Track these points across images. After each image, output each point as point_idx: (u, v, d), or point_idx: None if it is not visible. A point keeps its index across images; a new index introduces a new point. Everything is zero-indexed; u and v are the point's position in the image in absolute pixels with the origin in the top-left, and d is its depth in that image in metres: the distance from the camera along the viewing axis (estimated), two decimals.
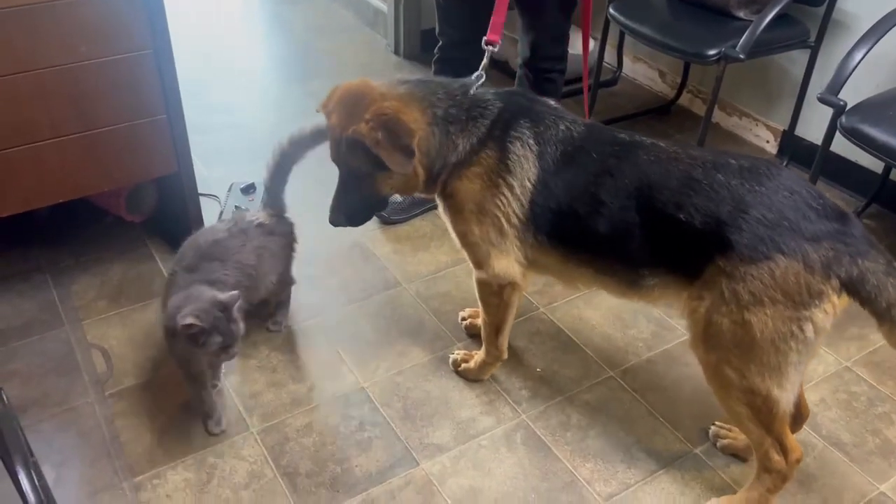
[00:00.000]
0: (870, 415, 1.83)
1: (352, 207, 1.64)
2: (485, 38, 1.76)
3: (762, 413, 1.42)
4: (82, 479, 1.62)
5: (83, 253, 2.19)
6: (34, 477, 1.16)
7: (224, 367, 1.81)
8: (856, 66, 1.97)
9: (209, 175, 2.42)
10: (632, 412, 1.81)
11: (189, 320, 1.49)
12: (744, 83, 2.84)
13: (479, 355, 1.84)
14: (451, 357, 1.89)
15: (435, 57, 2.36)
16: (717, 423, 1.75)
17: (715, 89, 2.38)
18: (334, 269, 2.21)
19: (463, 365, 1.86)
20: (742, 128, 2.94)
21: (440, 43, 2.34)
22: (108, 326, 1.97)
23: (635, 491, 1.63)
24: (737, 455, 1.70)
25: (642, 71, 3.29)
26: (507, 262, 1.62)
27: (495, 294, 1.68)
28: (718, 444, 1.72)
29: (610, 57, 3.24)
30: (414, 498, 1.59)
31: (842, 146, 2.17)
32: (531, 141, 1.54)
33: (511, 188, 1.54)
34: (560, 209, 1.53)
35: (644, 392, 1.86)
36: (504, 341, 1.81)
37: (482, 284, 1.69)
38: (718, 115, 3.00)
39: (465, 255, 1.70)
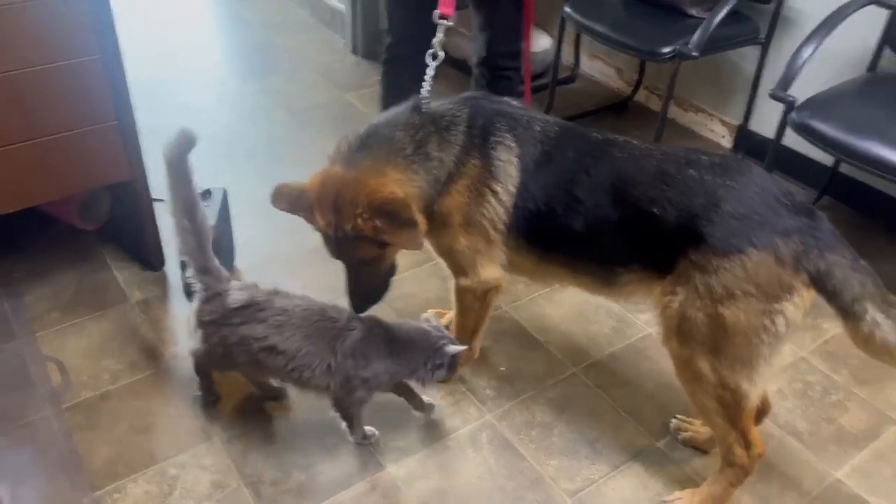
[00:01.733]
0: (825, 403, 1.88)
1: (372, 288, 1.61)
2: (436, 11, 1.70)
3: (730, 407, 1.44)
4: (40, 496, 1.59)
5: (35, 263, 2.14)
6: None
7: (183, 375, 1.80)
8: (804, 63, 2.02)
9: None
10: (595, 408, 1.83)
11: None
12: (698, 79, 2.89)
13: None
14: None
15: (382, 58, 2.33)
16: (677, 416, 1.78)
17: (669, 86, 2.42)
18: (297, 273, 2.18)
19: None
20: (698, 123, 2.99)
21: (387, 41, 2.31)
22: (63, 338, 1.93)
23: (600, 486, 1.65)
24: (697, 448, 1.73)
25: (599, 68, 3.33)
26: (494, 268, 1.62)
27: (479, 299, 1.68)
28: (679, 437, 1.75)
29: (568, 55, 3.28)
30: (380, 502, 1.59)
31: (793, 140, 2.22)
32: (512, 144, 1.53)
33: (496, 194, 1.54)
34: (538, 209, 1.53)
35: (607, 387, 1.88)
36: (478, 342, 1.81)
37: (466, 291, 1.67)
38: (675, 111, 3.05)
39: (443, 263, 1.69)
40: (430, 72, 1.63)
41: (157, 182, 2.07)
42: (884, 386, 1.93)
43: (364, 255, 1.52)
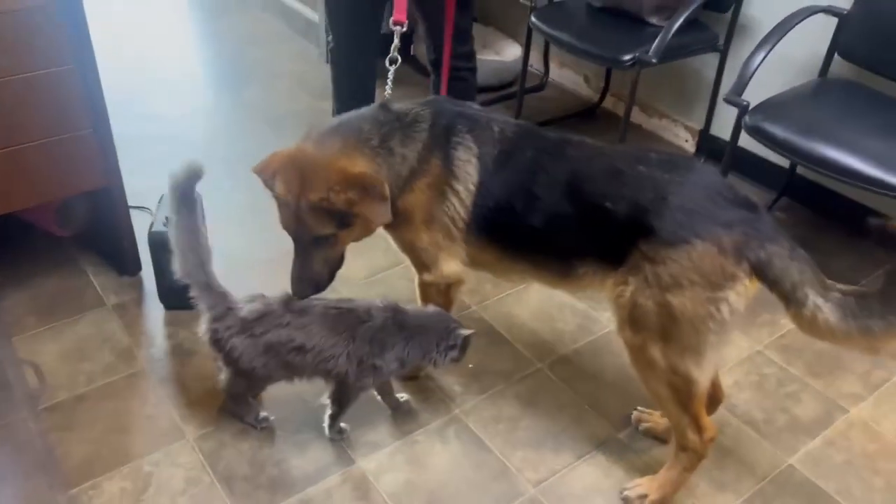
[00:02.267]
0: (780, 394, 1.96)
1: (317, 274, 1.64)
2: (391, 19, 1.79)
3: (681, 393, 1.51)
4: (17, 495, 1.62)
5: (13, 269, 2.17)
6: None
7: (157, 376, 1.84)
8: (756, 69, 2.11)
9: (141, 186, 2.40)
10: (560, 401, 1.89)
11: None
12: (662, 86, 2.98)
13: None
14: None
15: (330, 60, 2.42)
16: (638, 408, 1.85)
17: (631, 92, 2.50)
18: (272, 277, 2.22)
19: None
20: (663, 128, 3.08)
21: (331, 45, 2.39)
22: (40, 342, 1.96)
23: (563, 476, 1.71)
24: (657, 437, 1.80)
25: (568, 76, 3.41)
26: (455, 263, 1.69)
27: (441, 293, 1.75)
28: (640, 427, 1.82)
29: (539, 64, 3.37)
30: (350, 494, 1.64)
31: (754, 144, 2.30)
32: (472, 144, 1.61)
33: (457, 193, 1.61)
34: (498, 207, 1.60)
35: (571, 381, 1.94)
36: None
37: (429, 286, 1.74)
38: (641, 118, 3.14)
39: (407, 260, 1.75)
40: (390, 75, 1.72)
41: (134, 189, 2.14)
42: (836, 378, 2.01)
43: (320, 231, 1.57)
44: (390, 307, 1.69)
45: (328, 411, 1.73)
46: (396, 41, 1.75)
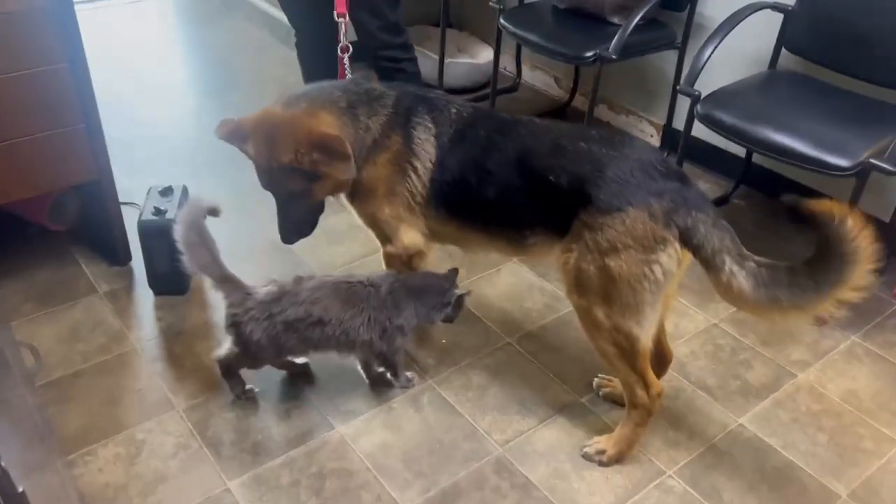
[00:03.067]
0: (733, 362, 2.09)
1: (299, 221, 1.81)
2: (335, 12, 1.99)
3: (626, 350, 1.64)
4: (15, 463, 1.72)
5: (9, 261, 2.29)
6: None
7: (148, 355, 1.96)
8: (707, 60, 2.26)
9: (131, 185, 2.53)
10: (526, 372, 2.02)
11: None
12: (627, 83, 3.14)
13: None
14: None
15: (295, 47, 2.64)
16: (599, 375, 1.98)
17: (594, 87, 2.65)
18: (256, 265, 2.36)
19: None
20: (629, 125, 3.23)
21: (294, 36, 2.60)
22: (37, 326, 2.08)
23: (528, 436, 1.83)
24: (616, 401, 1.93)
25: (540, 77, 3.57)
26: (415, 234, 1.83)
27: (405, 264, 1.89)
28: (601, 392, 1.95)
29: (511, 66, 3.53)
30: (330, 455, 1.76)
31: (713, 136, 2.43)
32: (430, 125, 1.75)
33: (416, 170, 1.75)
34: (455, 181, 1.74)
35: (537, 354, 2.07)
36: None
37: (392, 257, 1.89)
38: (609, 115, 3.29)
39: (372, 234, 1.89)
40: (345, 62, 1.93)
41: (122, 187, 2.26)
42: (785, 346, 2.15)
43: (293, 187, 1.72)
44: (388, 275, 1.87)
45: (388, 373, 1.90)
46: (343, 30, 1.96)
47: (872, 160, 1.96)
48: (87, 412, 1.84)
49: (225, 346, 1.82)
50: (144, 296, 2.22)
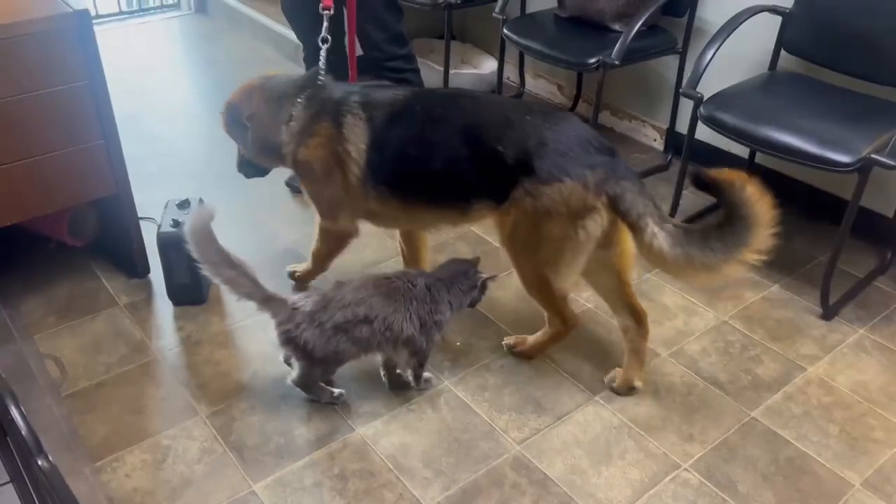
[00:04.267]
0: (743, 358, 2.13)
1: (243, 165, 2.23)
2: (321, 4, 2.12)
3: (544, 292, 1.93)
4: None
5: (30, 277, 2.34)
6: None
7: (169, 364, 2.01)
8: (708, 63, 2.31)
9: (147, 200, 2.58)
10: (540, 371, 2.06)
11: None
12: (630, 89, 3.19)
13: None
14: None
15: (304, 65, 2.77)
16: (507, 338, 2.14)
17: (598, 93, 2.70)
18: (269, 273, 2.40)
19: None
20: (633, 130, 3.28)
21: (303, 54, 2.75)
22: (60, 338, 2.12)
23: (544, 434, 1.87)
24: (523, 354, 2.10)
25: (543, 86, 3.62)
26: (349, 218, 2.06)
27: (336, 240, 2.11)
28: (513, 351, 2.11)
29: (515, 76, 3.59)
30: (351, 457, 1.80)
31: (716, 138, 2.47)
32: (360, 111, 1.91)
33: (349, 153, 1.91)
34: (397, 158, 1.89)
35: (550, 353, 2.11)
36: (329, 264, 2.23)
37: (326, 232, 2.13)
38: (612, 121, 3.34)
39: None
40: (322, 53, 2.06)
41: (138, 202, 2.30)
42: (794, 341, 2.18)
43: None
44: (416, 271, 1.98)
45: (410, 375, 1.95)
46: (326, 23, 2.10)
47: (873, 156, 2.00)
48: (113, 420, 1.88)
49: (294, 366, 1.88)
50: (164, 307, 2.26)
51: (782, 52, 2.53)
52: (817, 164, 2.08)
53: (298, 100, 1.98)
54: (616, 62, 2.57)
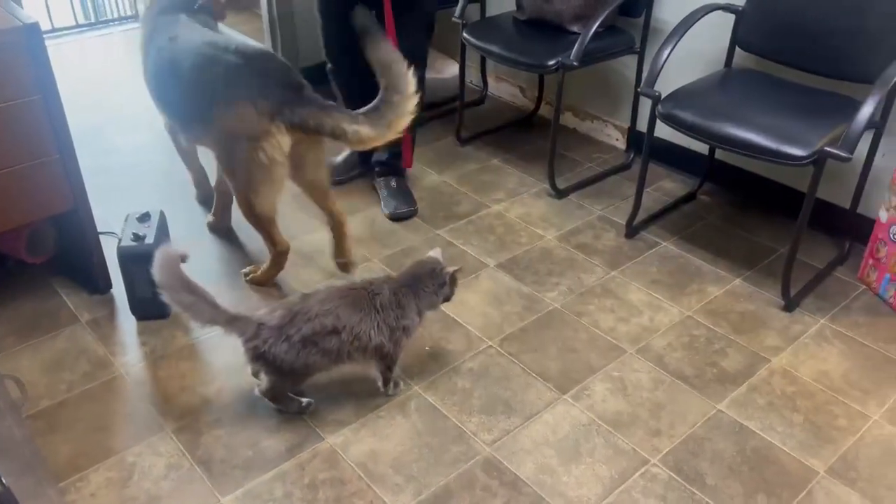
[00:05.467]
0: (708, 351, 2.15)
1: None
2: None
3: (248, 213, 2.21)
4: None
5: None
6: None
7: (133, 380, 1.97)
8: (664, 62, 2.33)
9: (108, 214, 2.55)
10: (509, 373, 2.06)
11: None
12: (590, 90, 3.22)
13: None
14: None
15: (331, 78, 2.84)
16: (245, 268, 2.41)
17: (558, 94, 2.72)
18: (233, 285, 2.39)
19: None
20: (595, 130, 3.31)
21: (329, 67, 2.79)
22: (20, 358, 2.08)
23: (514, 435, 1.87)
24: (259, 283, 2.37)
25: (506, 89, 3.64)
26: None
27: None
28: (248, 277, 2.38)
29: (478, 79, 3.60)
30: (321, 466, 1.78)
31: (677, 136, 2.51)
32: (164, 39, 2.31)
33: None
34: (152, 87, 2.42)
35: (518, 355, 2.12)
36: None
37: None
38: (574, 121, 3.37)
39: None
40: None
41: (98, 217, 2.27)
42: (758, 333, 2.22)
43: None
44: (381, 277, 1.96)
45: (379, 381, 1.96)
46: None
47: (827, 148, 2.05)
48: (76, 439, 1.84)
49: (262, 379, 1.87)
50: (127, 322, 2.23)
51: (737, 49, 2.57)
52: (773, 159, 2.11)
53: None
54: (575, 63, 2.59)
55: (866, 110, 2.01)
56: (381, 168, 2.86)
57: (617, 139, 3.23)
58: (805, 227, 2.22)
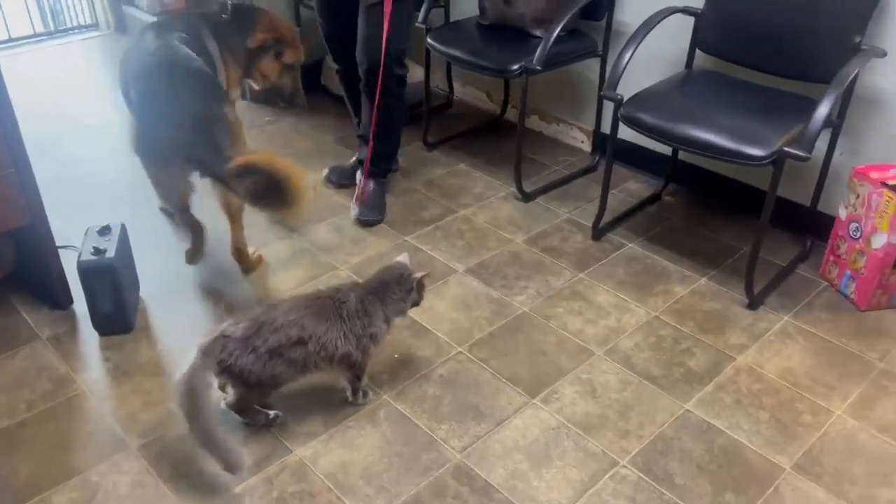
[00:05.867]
0: (675, 351, 2.17)
1: None
2: None
3: None
4: None
5: None
6: None
7: (97, 397, 1.93)
8: (626, 65, 2.35)
9: (67, 227, 2.49)
10: (479, 378, 2.06)
11: None
12: (555, 93, 3.24)
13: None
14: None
15: (341, 81, 2.91)
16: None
17: (523, 98, 2.73)
18: (197, 296, 2.36)
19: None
20: (561, 133, 3.33)
21: (337, 69, 2.85)
22: None
23: (485, 441, 1.87)
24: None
25: (472, 93, 3.65)
26: None
27: None
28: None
29: (444, 84, 3.60)
30: (290, 479, 1.76)
31: (640, 138, 2.51)
32: None
33: None
34: None
35: (488, 360, 2.12)
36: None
37: None
38: (540, 125, 3.38)
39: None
40: None
41: (57, 230, 2.22)
42: (724, 332, 2.24)
43: None
44: (348, 284, 1.93)
45: (348, 390, 1.94)
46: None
47: (786, 148, 2.07)
48: (37, 459, 1.80)
49: (228, 392, 1.84)
50: (89, 337, 2.19)
51: (697, 51, 2.60)
52: (733, 159, 2.14)
53: None
54: (538, 67, 2.60)
55: (823, 110, 2.04)
56: (360, 168, 2.85)
57: (583, 141, 3.25)
58: (767, 225, 2.25)
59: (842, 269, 2.39)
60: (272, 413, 1.89)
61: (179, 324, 2.24)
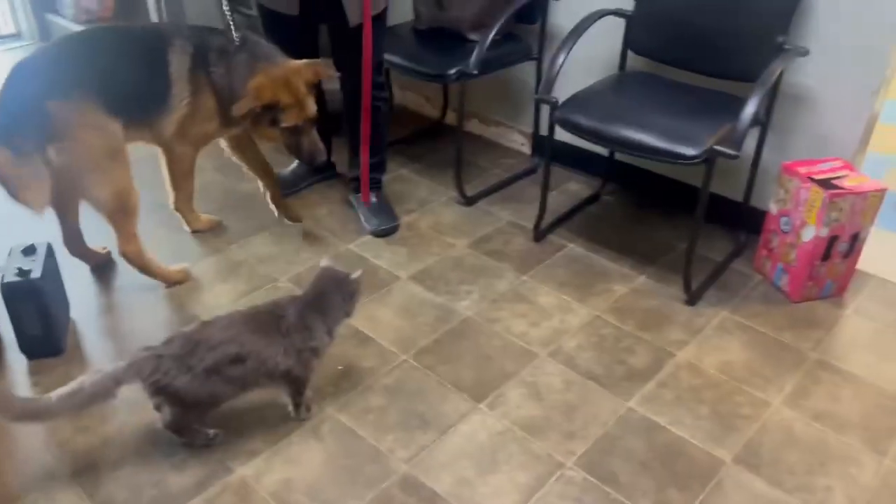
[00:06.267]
0: (617, 349, 2.19)
1: None
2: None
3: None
4: None
5: None
6: None
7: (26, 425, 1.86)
8: (560, 68, 2.37)
9: None
10: (424, 386, 2.04)
11: None
12: (494, 97, 3.25)
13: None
14: None
15: None
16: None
17: (461, 102, 2.73)
18: (131, 314, 2.28)
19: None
20: (500, 136, 3.34)
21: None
22: None
23: (431, 450, 1.86)
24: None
25: (412, 98, 3.64)
26: None
27: None
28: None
29: None
30: (232, 500, 1.72)
31: (578, 140, 2.54)
32: None
33: None
34: None
35: (434, 367, 2.10)
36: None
37: None
38: (480, 128, 3.39)
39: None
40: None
41: None
42: (662, 328, 2.28)
43: None
44: (286, 298, 1.89)
45: (290, 405, 1.91)
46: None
47: (716, 147, 2.12)
48: None
49: (164, 411, 1.78)
50: (17, 362, 2.10)
51: (629, 52, 2.64)
52: (666, 159, 2.18)
53: None
54: (474, 72, 2.60)
55: (750, 108, 2.09)
56: (356, 184, 2.78)
57: (522, 144, 3.27)
58: (702, 222, 2.30)
59: (774, 263, 2.45)
60: (212, 432, 1.84)
61: (113, 345, 2.17)
